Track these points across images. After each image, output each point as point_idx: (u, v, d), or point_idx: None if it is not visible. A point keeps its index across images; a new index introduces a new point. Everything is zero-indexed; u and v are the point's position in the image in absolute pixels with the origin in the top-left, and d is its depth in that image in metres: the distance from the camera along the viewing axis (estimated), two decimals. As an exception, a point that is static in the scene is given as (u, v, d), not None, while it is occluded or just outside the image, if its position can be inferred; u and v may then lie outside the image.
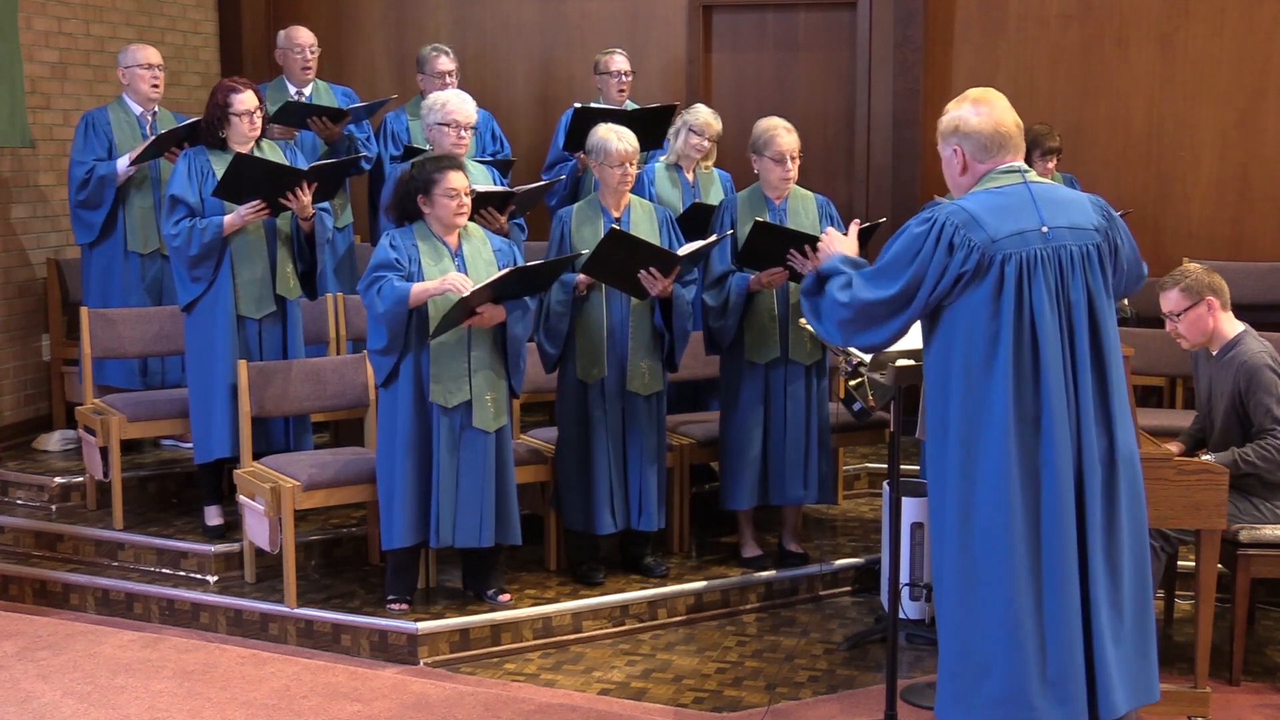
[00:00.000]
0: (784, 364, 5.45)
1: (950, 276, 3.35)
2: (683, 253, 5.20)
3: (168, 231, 5.43)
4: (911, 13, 7.27)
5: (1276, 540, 4.67)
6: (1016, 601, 3.32)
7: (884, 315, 3.45)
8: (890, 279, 3.42)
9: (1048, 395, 3.32)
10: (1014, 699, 3.33)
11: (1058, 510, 3.32)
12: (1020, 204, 3.40)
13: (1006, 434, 3.31)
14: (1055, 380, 3.33)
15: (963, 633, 3.40)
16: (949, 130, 3.51)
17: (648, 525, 5.42)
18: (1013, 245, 3.34)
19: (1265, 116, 7.02)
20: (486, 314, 4.92)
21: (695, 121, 6.11)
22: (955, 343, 3.39)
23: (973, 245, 3.33)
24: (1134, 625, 3.43)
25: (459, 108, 5.53)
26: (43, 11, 6.81)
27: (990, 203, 3.39)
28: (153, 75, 6.34)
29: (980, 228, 3.34)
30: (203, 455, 5.58)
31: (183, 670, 4.85)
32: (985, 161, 3.47)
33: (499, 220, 5.56)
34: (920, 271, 3.37)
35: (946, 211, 3.38)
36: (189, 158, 5.46)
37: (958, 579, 3.40)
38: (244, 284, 5.48)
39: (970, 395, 3.36)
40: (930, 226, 3.37)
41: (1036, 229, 3.37)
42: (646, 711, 4.59)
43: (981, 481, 3.35)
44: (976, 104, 3.48)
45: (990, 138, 3.45)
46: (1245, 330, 4.80)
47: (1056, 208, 3.42)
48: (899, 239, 3.44)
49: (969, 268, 3.34)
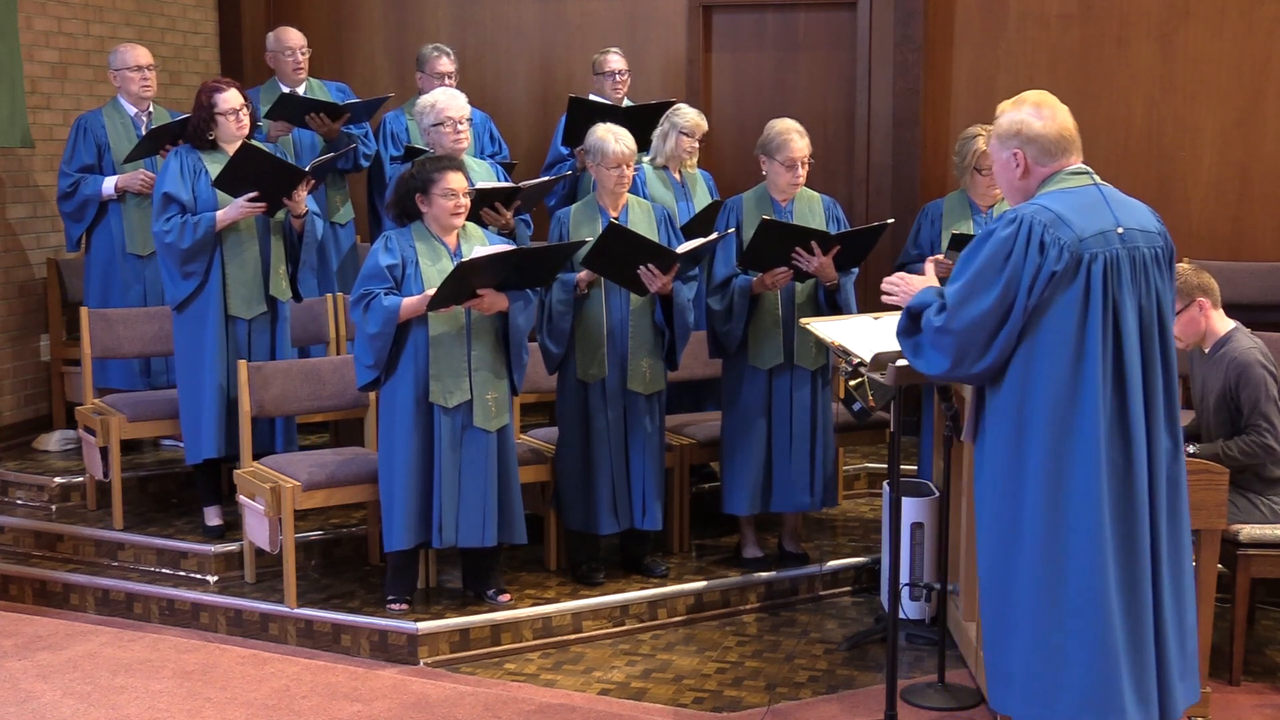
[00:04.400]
0: (789, 369, 5.43)
1: (1044, 276, 3.32)
2: (682, 250, 5.20)
3: (159, 228, 5.42)
4: (911, 13, 7.27)
5: (1276, 540, 4.67)
6: (1108, 602, 3.33)
7: (988, 330, 3.38)
8: (986, 288, 3.36)
9: (1131, 395, 3.35)
10: (1104, 699, 3.34)
11: (1141, 511, 3.36)
12: (1095, 205, 3.41)
13: (1097, 433, 3.32)
14: (1135, 380, 3.36)
15: (1049, 634, 3.39)
16: (1010, 133, 3.48)
17: (650, 524, 5.41)
18: (1097, 245, 3.35)
19: (1265, 116, 7.02)
20: (488, 299, 4.91)
21: (684, 124, 6.09)
22: (1040, 345, 3.36)
23: (1063, 244, 3.33)
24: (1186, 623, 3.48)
25: (449, 103, 5.53)
26: (43, 11, 6.81)
27: (1068, 202, 3.39)
28: (142, 76, 6.34)
29: (1067, 227, 3.34)
30: (192, 456, 5.57)
31: (183, 670, 4.85)
32: (1049, 164, 3.47)
33: (505, 216, 5.56)
34: (1015, 274, 3.34)
35: (1030, 212, 3.37)
36: (180, 155, 5.46)
37: (1042, 581, 3.38)
38: (235, 284, 5.48)
39: (1060, 398, 3.35)
40: (1017, 228, 3.35)
41: (1114, 229, 3.38)
42: (646, 711, 4.59)
43: (1074, 481, 3.34)
44: (1038, 107, 3.47)
45: (1055, 141, 3.45)
46: (1236, 327, 4.83)
47: (1126, 210, 3.45)
48: (982, 247, 3.40)
49: (1060, 267, 3.32)
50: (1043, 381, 3.36)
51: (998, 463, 3.47)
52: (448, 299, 4.82)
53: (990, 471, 3.50)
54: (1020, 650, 3.44)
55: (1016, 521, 3.43)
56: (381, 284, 4.88)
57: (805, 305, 5.43)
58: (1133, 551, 3.36)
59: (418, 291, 4.89)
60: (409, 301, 4.86)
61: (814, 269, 5.23)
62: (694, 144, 6.13)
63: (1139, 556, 3.36)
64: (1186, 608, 3.48)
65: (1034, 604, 3.41)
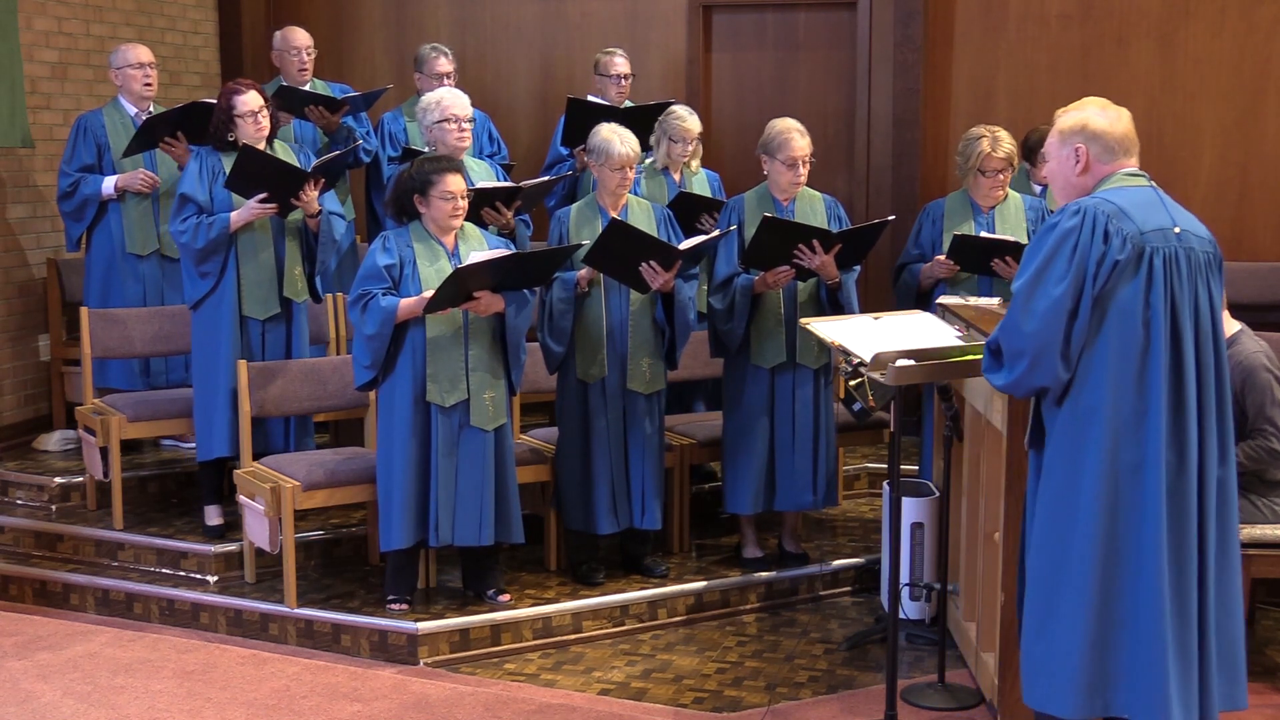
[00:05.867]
0: (792, 368, 5.43)
1: (1108, 265, 3.36)
2: (684, 248, 5.20)
3: (175, 228, 5.44)
4: (911, 13, 7.26)
5: (1276, 540, 4.67)
6: (1161, 601, 3.35)
7: (1063, 321, 3.38)
8: (1057, 277, 3.39)
9: (1187, 394, 3.37)
10: (1151, 696, 3.37)
11: (1191, 515, 3.38)
12: (1153, 204, 3.47)
13: (1161, 435, 3.35)
14: (1191, 379, 3.38)
15: (1099, 634, 3.42)
16: (1074, 129, 3.54)
17: (650, 524, 5.41)
18: (1157, 240, 3.40)
19: (1265, 116, 7.01)
20: (484, 300, 4.91)
21: (674, 130, 6.04)
22: (1105, 339, 3.38)
23: (1126, 235, 3.37)
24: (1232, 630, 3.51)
25: (455, 102, 5.54)
26: (43, 11, 6.81)
27: (1129, 198, 3.45)
28: (144, 74, 6.35)
29: (1129, 219, 3.39)
30: (204, 453, 5.58)
31: (183, 670, 4.85)
32: (1109, 163, 3.53)
33: (505, 216, 5.56)
34: (1083, 262, 3.37)
35: (1093, 204, 3.42)
36: (201, 157, 5.49)
37: (1095, 581, 3.40)
38: (249, 285, 5.48)
39: (1128, 395, 3.37)
40: (1082, 219, 3.39)
41: (1172, 228, 3.44)
42: (646, 711, 4.58)
43: (1136, 479, 3.37)
44: (1104, 109, 3.55)
45: (1119, 140, 3.52)
46: (1242, 329, 4.82)
47: (1180, 214, 3.51)
48: (1047, 239, 3.43)
49: (1123, 256, 3.36)
50: (1110, 378, 3.38)
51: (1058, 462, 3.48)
52: (444, 302, 4.83)
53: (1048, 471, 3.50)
54: (1067, 646, 3.45)
55: (1071, 523, 3.45)
56: (379, 284, 4.89)
57: (807, 304, 5.42)
58: (1183, 554, 3.38)
59: (415, 292, 4.89)
60: (406, 303, 4.87)
61: (816, 266, 5.23)
62: (686, 149, 6.10)
63: (1189, 562, 3.39)
64: (1234, 617, 3.49)
65: (1085, 606, 3.42)
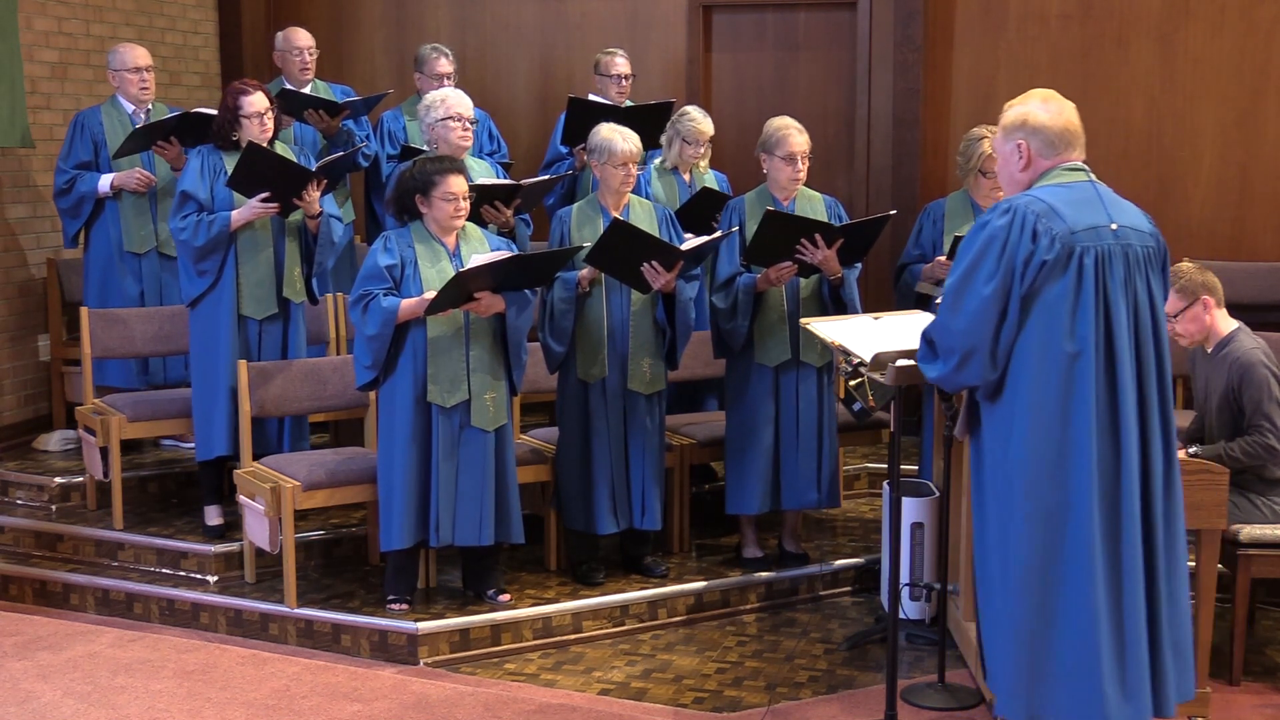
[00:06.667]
0: (795, 366, 5.43)
1: (1035, 265, 3.34)
2: (685, 248, 5.20)
3: (175, 225, 5.44)
4: (911, 13, 7.26)
5: (1276, 540, 4.67)
6: (1097, 597, 3.33)
7: (992, 321, 3.38)
8: (985, 277, 3.38)
9: (1122, 391, 3.35)
10: (1088, 693, 3.35)
11: (1131, 508, 3.36)
12: (1090, 200, 3.43)
13: (1090, 429, 3.33)
14: (1127, 377, 3.36)
15: (1034, 627, 3.40)
16: (1015, 124, 3.51)
17: (650, 524, 5.41)
18: (1089, 239, 3.36)
19: (1265, 116, 7.01)
20: (484, 301, 4.91)
21: (688, 131, 6.06)
22: (1031, 336, 3.36)
23: (1054, 234, 3.34)
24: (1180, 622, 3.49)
25: (459, 101, 5.55)
26: (43, 11, 6.81)
27: (1063, 196, 3.41)
28: (140, 78, 6.35)
29: (1059, 218, 3.36)
30: (204, 453, 5.58)
31: (183, 670, 4.85)
32: (1050, 158, 3.49)
33: (505, 214, 5.56)
34: (1011, 262, 3.35)
35: (1023, 202, 3.39)
36: (202, 155, 5.49)
37: (1029, 575, 3.39)
38: (248, 284, 5.48)
39: (1054, 390, 3.34)
40: (1012, 217, 3.37)
41: (1107, 225, 3.40)
42: (646, 711, 4.58)
43: (1066, 478, 3.35)
44: (1046, 101, 3.51)
45: (1059, 134, 3.48)
46: (1239, 327, 4.83)
47: (1120, 209, 3.47)
48: (977, 238, 3.42)
49: (1050, 256, 3.33)
50: (1036, 375, 3.36)
51: (991, 457, 3.48)
52: (444, 304, 4.83)
53: (984, 467, 3.50)
54: (1007, 646, 3.45)
55: (1007, 518, 3.44)
56: (380, 284, 4.89)
57: (810, 301, 5.42)
58: (1120, 550, 3.36)
59: (416, 291, 4.89)
60: (407, 303, 4.87)
61: (818, 261, 5.23)
62: (698, 151, 6.11)
63: (1129, 555, 3.36)
64: (1181, 607, 3.48)
65: (1021, 600, 3.41)
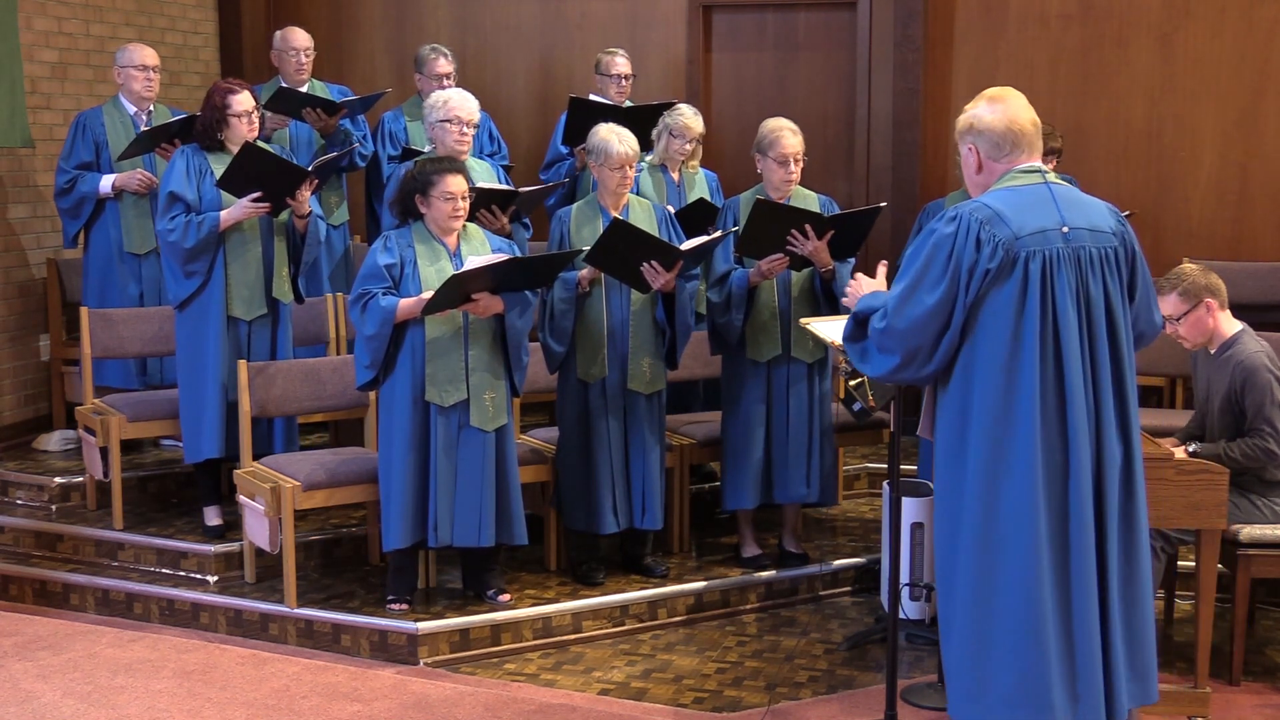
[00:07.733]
0: (786, 362, 5.45)
1: (980, 273, 3.31)
2: (685, 248, 5.20)
3: (162, 226, 5.42)
4: (911, 13, 7.26)
5: (1276, 540, 4.67)
6: (1039, 600, 3.30)
7: (934, 329, 3.35)
8: (931, 286, 3.35)
9: (1071, 395, 3.31)
10: (1031, 697, 3.33)
11: (1081, 511, 3.32)
12: (1040, 203, 3.39)
13: (1033, 433, 3.30)
14: (1076, 380, 3.32)
15: (980, 630, 3.38)
16: (964, 128, 3.48)
17: (651, 524, 5.42)
18: (1035, 243, 3.32)
19: (1265, 116, 7.01)
20: (483, 302, 4.91)
21: (675, 125, 6.07)
22: (979, 342, 3.34)
23: (997, 241, 3.31)
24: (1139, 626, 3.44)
25: (461, 104, 5.53)
26: (43, 11, 6.81)
27: (1011, 200, 3.38)
28: (146, 76, 6.35)
29: (1004, 224, 3.33)
30: (192, 455, 5.57)
31: (183, 670, 4.85)
32: (1000, 160, 3.46)
33: (500, 220, 5.56)
34: (957, 270, 3.32)
35: (969, 209, 3.36)
36: (186, 155, 5.47)
37: (976, 576, 3.37)
38: (236, 285, 5.48)
39: (996, 394, 3.32)
40: (958, 225, 3.34)
41: (1057, 228, 3.36)
42: (646, 711, 4.59)
43: (1008, 481, 3.32)
44: (992, 102, 3.46)
45: (1003, 135, 3.43)
46: (1243, 329, 4.82)
47: (1076, 209, 3.42)
48: (924, 244, 3.39)
49: (994, 264, 3.30)
50: (982, 380, 3.34)
51: (944, 460, 3.46)
52: (442, 304, 4.83)
53: (938, 469, 3.50)
54: (957, 648, 3.44)
55: (954, 522, 3.42)
56: (379, 284, 4.89)
57: (802, 297, 5.44)
58: (1069, 553, 3.33)
59: (415, 291, 4.89)
60: (405, 303, 4.87)
61: (808, 252, 5.24)
62: (685, 146, 6.10)
63: (1079, 558, 3.32)
64: (1140, 611, 3.43)
65: (967, 603, 3.40)
